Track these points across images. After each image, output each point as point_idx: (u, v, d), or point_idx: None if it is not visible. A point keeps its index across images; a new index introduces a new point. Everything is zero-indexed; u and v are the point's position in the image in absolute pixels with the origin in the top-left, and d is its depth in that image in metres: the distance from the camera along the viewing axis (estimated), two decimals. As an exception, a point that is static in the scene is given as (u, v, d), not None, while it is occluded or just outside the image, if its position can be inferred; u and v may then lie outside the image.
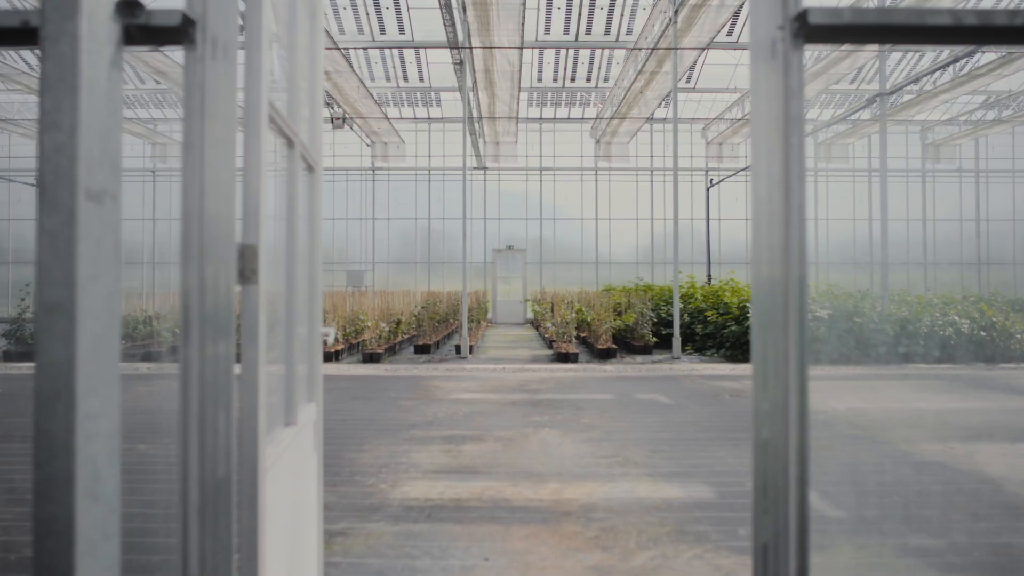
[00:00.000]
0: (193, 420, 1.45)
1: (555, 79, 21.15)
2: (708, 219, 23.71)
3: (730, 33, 17.05)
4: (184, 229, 1.46)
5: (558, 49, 19.20)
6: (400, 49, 19.20)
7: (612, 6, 16.49)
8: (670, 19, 13.08)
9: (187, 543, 1.34)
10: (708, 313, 14.30)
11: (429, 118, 24.74)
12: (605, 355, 13.07)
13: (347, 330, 13.98)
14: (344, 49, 17.32)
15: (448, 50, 15.07)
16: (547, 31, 17.46)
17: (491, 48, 13.62)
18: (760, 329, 1.55)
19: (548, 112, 24.48)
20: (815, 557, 1.23)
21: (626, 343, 14.42)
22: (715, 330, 14.04)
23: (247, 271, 1.57)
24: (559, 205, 25.28)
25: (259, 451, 1.54)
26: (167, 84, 17.86)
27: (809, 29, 1.33)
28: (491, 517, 3.93)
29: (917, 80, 18.53)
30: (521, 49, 13.88)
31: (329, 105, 19.75)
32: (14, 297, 15.65)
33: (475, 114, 19.55)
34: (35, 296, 1.05)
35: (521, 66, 15.54)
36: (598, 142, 23.97)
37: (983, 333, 12.73)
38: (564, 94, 22.80)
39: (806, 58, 17.61)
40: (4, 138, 23.97)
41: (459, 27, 13.48)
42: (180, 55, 1.43)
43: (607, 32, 17.40)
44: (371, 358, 12.61)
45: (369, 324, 13.87)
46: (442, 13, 12.58)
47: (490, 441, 5.86)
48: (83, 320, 1.03)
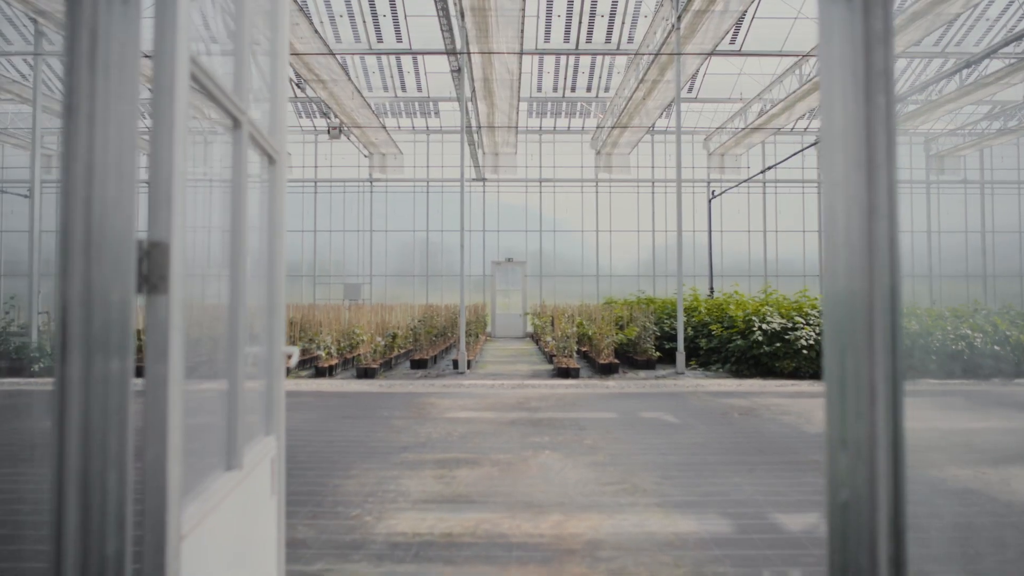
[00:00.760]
0: (72, 475, 1.08)
1: (555, 89, 20.87)
2: (710, 231, 23.36)
3: (733, 41, 16.77)
4: (63, 220, 1.09)
5: (558, 57, 18.92)
6: (398, 57, 18.93)
7: (613, 14, 16.21)
8: (672, 25, 12.79)
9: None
10: (712, 327, 13.92)
11: (427, 129, 24.46)
12: (607, 370, 12.67)
13: (341, 344, 13.59)
14: (340, 55, 17.04)
15: (446, 59, 14.79)
16: (547, 39, 17.18)
17: (490, 54, 13.31)
18: (836, 353, 1.18)
19: (548, 123, 24.19)
20: None
21: (628, 358, 14.03)
22: (720, 344, 13.65)
23: (154, 277, 1.19)
24: (559, 217, 24.94)
25: (168, 514, 1.15)
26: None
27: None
28: (486, 556, 3.53)
29: (922, 89, 18.26)
30: (520, 56, 13.58)
31: (325, 115, 19.47)
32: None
33: (474, 124, 19.25)
34: None
35: (520, 75, 15.24)
36: (598, 153, 23.67)
37: (997, 348, 12.34)
38: (564, 104, 22.52)
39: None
40: (-3, 149, 23.68)
41: (457, 34, 13.18)
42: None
43: (608, 40, 17.12)
44: (365, 373, 12.22)
45: (364, 338, 13.49)
46: (440, 21, 12.28)
47: (487, 465, 5.47)
48: None
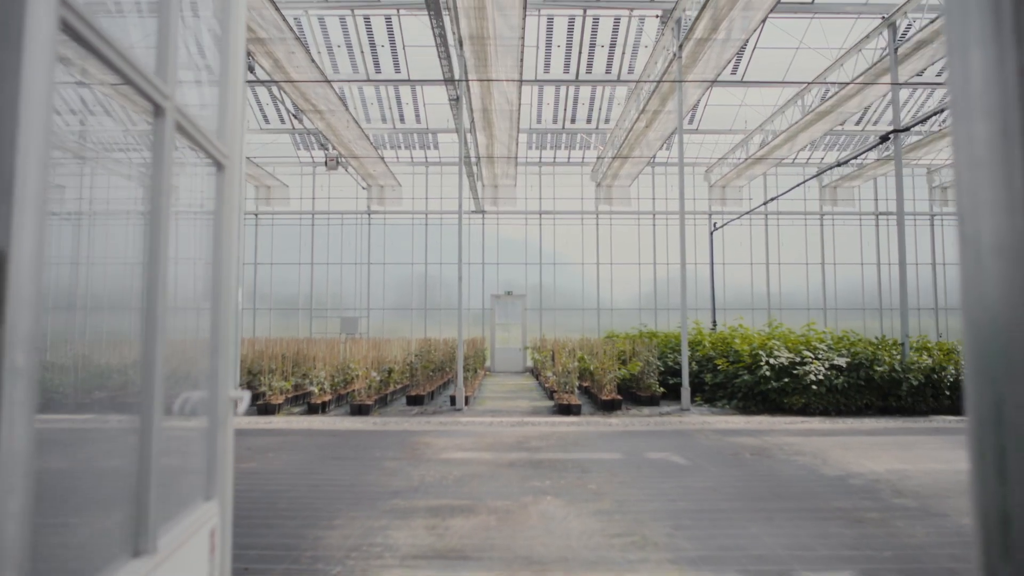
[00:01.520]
0: None
1: (555, 120, 20.71)
2: (712, 263, 23.09)
3: (734, 71, 16.63)
4: None
5: (557, 88, 18.77)
6: (397, 88, 18.78)
7: (613, 45, 16.07)
8: (674, 55, 12.60)
9: None
10: (718, 361, 13.51)
11: (426, 161, 24.29)
12: (609, 407, 12.24)
13: (335, 380, 13.18)
14: (337, 83, 16.87)
15: (445, 90, 14.61)
16: (547, 70, 17.03)
17: (488, 81, 13.10)
18: (983, 388, 0.81)
19: (548, 155, 24.03)
20: None
21: (631, 393, 13.60)
22: (726, 379, 13.24)
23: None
24: (559, 249, 24.65)
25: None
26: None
27: None
28: (480, 625, 3.12)
29: (924, 121, 18.10)
30: (520, 85, 13.38)
31: (324, 147, 19.27)
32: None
33: (473, 155, 19.04)
34: None
35: (520, 105, 15.03)
36: (599, 185, 23.46)
37: None
38: (564, 136, 22.37)
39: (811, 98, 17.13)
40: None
41: (456, 63, 13.01)
42: None
43: (608, 71, 16.97)
44: (359, 410, 11.79)
45: (359, 373, 13.08)
46: (438, 51, 12.08)
47: (483, 514, 5.04)
48: None
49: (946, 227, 24.75)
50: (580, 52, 16.30)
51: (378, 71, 16.94)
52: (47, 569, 1.09)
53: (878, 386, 11.84)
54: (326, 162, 19.17)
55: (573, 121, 20.67)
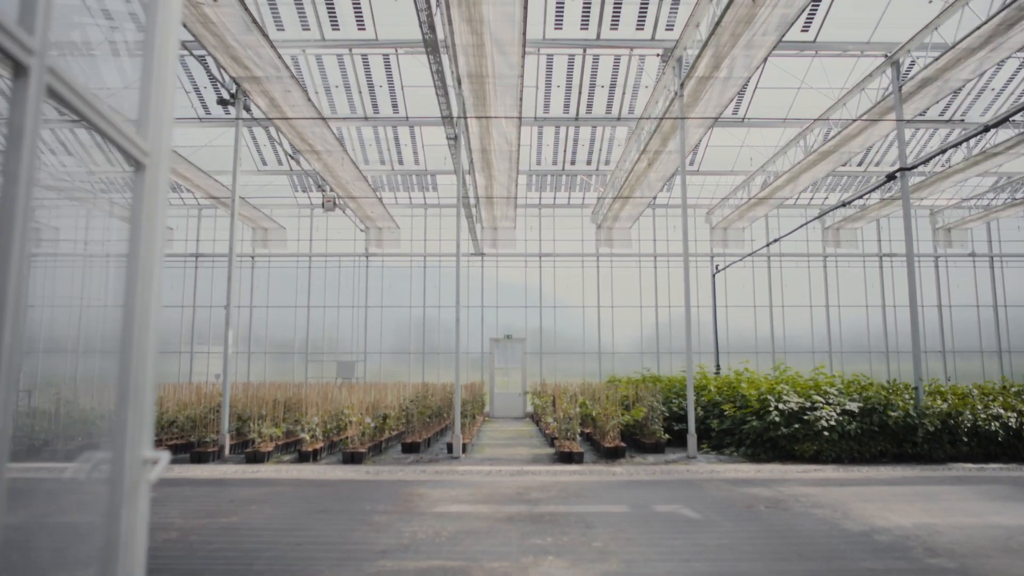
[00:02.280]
0: None
1: (554, 162, 20.55)
2: (715, 306, 22.71)
3: (735, 112, 16.48)
4: None
5: (557, 129, 18.63)
6: (395, 129, 18.63)
7: (613, 85, 15.95)
8: (675, 92, 12.42)
9: None
10: (725, 407, 13.03)
11: (425, 203, 24.10)
12: (613, 454, 11.74)
13: (328, 426, 12.69)
14: (334, 122, 16.71)
15: (443, 129, 14.43)
16: (546, 110, 16.90)
17: (487, 118, 12.89)
18: None
19: (547, 197, 23.85)
20: None
21: (635, 440, 13.10)
22: (733, 425, 12.75)
23: None
24: (559, 292, 24.30)
25: None
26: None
27: None
28: None
29: (927, 161, 17.93)
30: (519, 124, 13.17)
31: (321, 188, 19.06)
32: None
33: (471, 196, 18.81)
34: None
35: (519, 146, 14.83)
36: (599, 227, 23.23)
37: (1036, 427, 11.44)
38: (564, 177, 22.21)
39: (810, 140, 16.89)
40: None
41: (454, 102, 12.82)
42: None
43: (608, 111, 16.84)
44: (352, 458, 11.28)
45: (353, 419, 12.58)
46: (436, 89, 11.88)
47: (478, 577, 4.57)
48: None
49: (951, 269, 24.43)
50: (580, 92, 16.17)
51: (376, 112, 16.81)
52: None
53: (892, 432, 11.35)
54: (323, 203, 18.94)
55: (573, 163, 20.52)
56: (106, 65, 1.22)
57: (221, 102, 12.31)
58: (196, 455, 11.30)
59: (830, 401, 11.76)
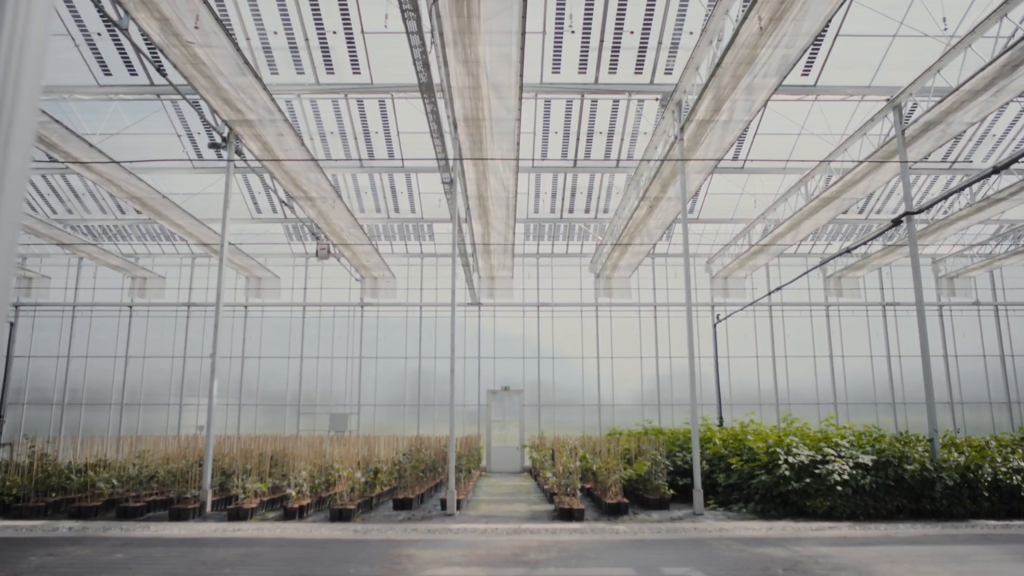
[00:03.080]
0: None
1: (552, 210, 20.32)
2: (716, 357, 22.24)
3: (735, 158, 16.31)
4: None
5: (555, 176, 18.44)
6: (391, 176, 18.42)
7: (611, 132, 15.79)
8: (675, 137, 12.22)
9: None
10: (731, 460, 12.47)
11: (422, 252, 23.83)
12: (615, 511, 11.13)
13: (316, 481, 12.09)
14: (327, 161, 16.50)
15: (439, 177, 14.21)
16: (544, 157, 16.72)
17: (484, 160, 12.65)
18: None
19: (545, 246, 23.61)
20: None
21: (638, 496, 12.50)
22: (740, 480, 12.17)
23: None
24: (558, 343, 23.85)
25: None
26: (148, 214, 16.88)
27: None
28: None
29: (930, 207, 17.74)
30: (517, 164, 12.91)
31: (316, 236, 18.78)
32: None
33: (468, 243, 18.52)
34: None
35: (517, 192, 14.58)
36: (598, 276, 22.90)
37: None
38: (562, 226, 21.99)
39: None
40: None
41: (450, 146, 12.61)
42: None
43: (607, 157, 16.66)
44: (340, 516, 10.68)
45: (343, 474, 11.98)
46: (431, 133, 11.67)
47: (469, 655, 4.04)
48: None
49: (956, 318, 24.05)
50: (578, 139, 16.01)
51: (371, 157, 16.62)
52: None
53: (909, 487, 10.78)
54: (317, 251, 18.65)
55: (571, 211, 20.30)
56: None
57: (213, 146, 12.07)
58: (175, 512, 10.69)
59: (842, 454, 11.23)
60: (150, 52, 12.34)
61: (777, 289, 18.10)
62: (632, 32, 12.48)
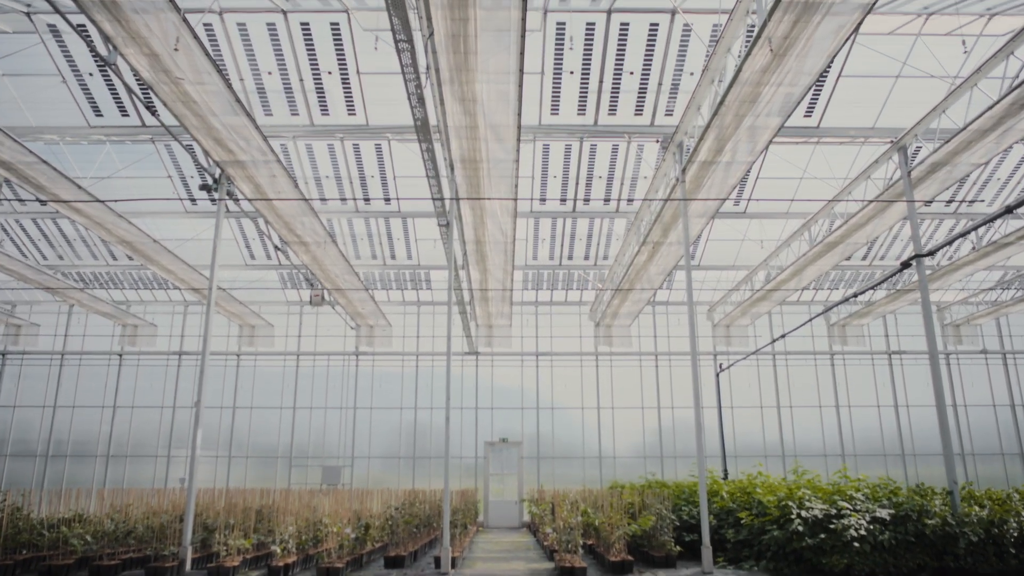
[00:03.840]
0: None
1: (551, 257, 20.02)
2: (720, 407, 21.65)
3: (737, 203, 16.08)
4: None
5: (554, 222, 18.19)
6: (387, 220, 18.15)
7: (611, 177, 15.60)
8: (676, 179, 11.98)
9: None
10: (741, 515, 11.86)
11: (418, 301, 23.46)
12: (619, 569, 10.51)
13: (303, 538, 11.46)
14: (322, 202, 16.24)
15: (436, 223, 13.91)
16: (543, 202, 16.49)
17: (481, 201, 12.37)
18: None
19: (544, 294, 23.26)
20: None
21: (643, 553, 11.85)
22: (751, 535, 11.55)
23: None
24: (557, 393, 23.29)
25: None
26: (139, 259, 16.55)
27: None
28: None
29: (935, 252, 17.47)
30: (515, 206, 12.63)
31: (311, 283, 18.44)
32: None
33: (465, 290, 18.15)
34: None
35: (515, 238, 14.29)
36: (598, 324, 22.49)
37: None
38: (561, 273, 21.67)
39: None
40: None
41: (446, 188, 12.34)
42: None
43: (606, 203, 16.42)
44: (327, 574, 10.05)
45: (333, 530, 11.36)
46: (427, 174, 11.41)
47: None
48: None
49: (963, 367, 23.56)
50: (577, 184, 15.80)
51: (367, 203, 16.39)
52: None
53: (931, 543, 10.18)
54: (311, 298, 18.26)
55: (570, 257, 20.01)
56: None
57: (204, 187, 11.79)
58: (151, 571, 10.06)
59: (857, 508, 10.65)
60: (141, 91, 12.17)
61: (781, 337, 17.68)
62: (632, 73, 12.35)
